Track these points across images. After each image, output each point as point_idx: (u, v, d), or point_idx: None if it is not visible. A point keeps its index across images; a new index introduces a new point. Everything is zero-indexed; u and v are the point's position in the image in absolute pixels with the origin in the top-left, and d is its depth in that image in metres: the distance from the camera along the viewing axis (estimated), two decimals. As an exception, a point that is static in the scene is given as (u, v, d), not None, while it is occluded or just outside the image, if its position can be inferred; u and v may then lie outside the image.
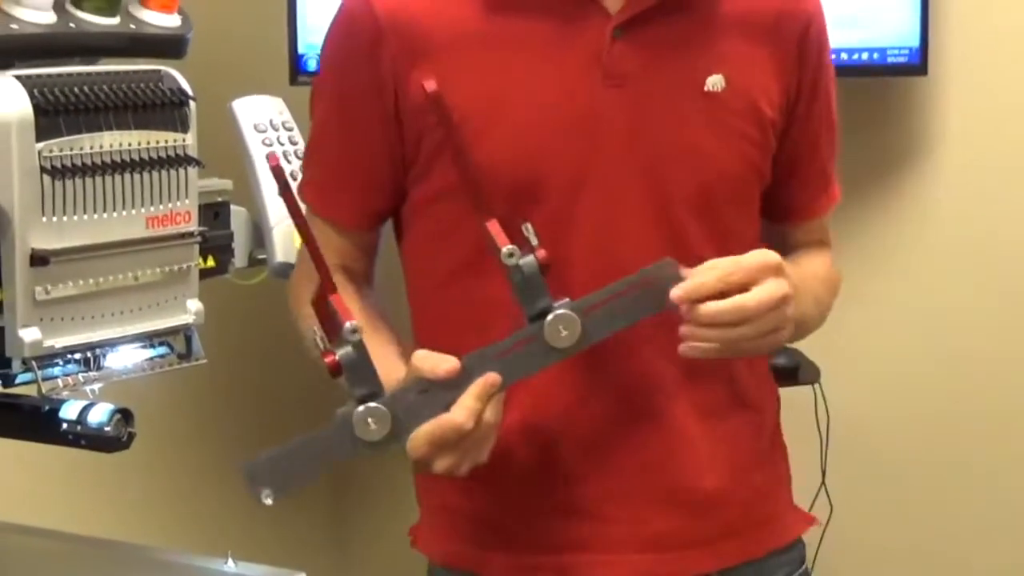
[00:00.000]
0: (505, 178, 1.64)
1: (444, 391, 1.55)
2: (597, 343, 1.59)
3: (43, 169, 1.43)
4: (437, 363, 1.57)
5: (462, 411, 1.55)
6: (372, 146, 1.75)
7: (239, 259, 1.70)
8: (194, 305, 1.58)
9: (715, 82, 1.72)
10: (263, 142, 1.68)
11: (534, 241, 1.55)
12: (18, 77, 1.43)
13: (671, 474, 1.76)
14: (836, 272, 1.92)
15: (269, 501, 1.55)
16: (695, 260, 1.63)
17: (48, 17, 1.48)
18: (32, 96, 1.42)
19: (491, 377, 1.56)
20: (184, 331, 1.58)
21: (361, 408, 1.52)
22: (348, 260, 1.82)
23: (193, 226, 1.56)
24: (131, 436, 1.50)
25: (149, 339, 1.55)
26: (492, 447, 1.61)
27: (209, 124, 1.59)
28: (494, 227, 1.55)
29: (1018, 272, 2.90)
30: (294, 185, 1.65)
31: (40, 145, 1.43)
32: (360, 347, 1.51)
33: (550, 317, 1.55)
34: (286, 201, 1.47)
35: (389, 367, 1.60)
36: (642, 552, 1.77)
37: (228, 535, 2.82)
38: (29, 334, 1.44)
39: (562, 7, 1.71)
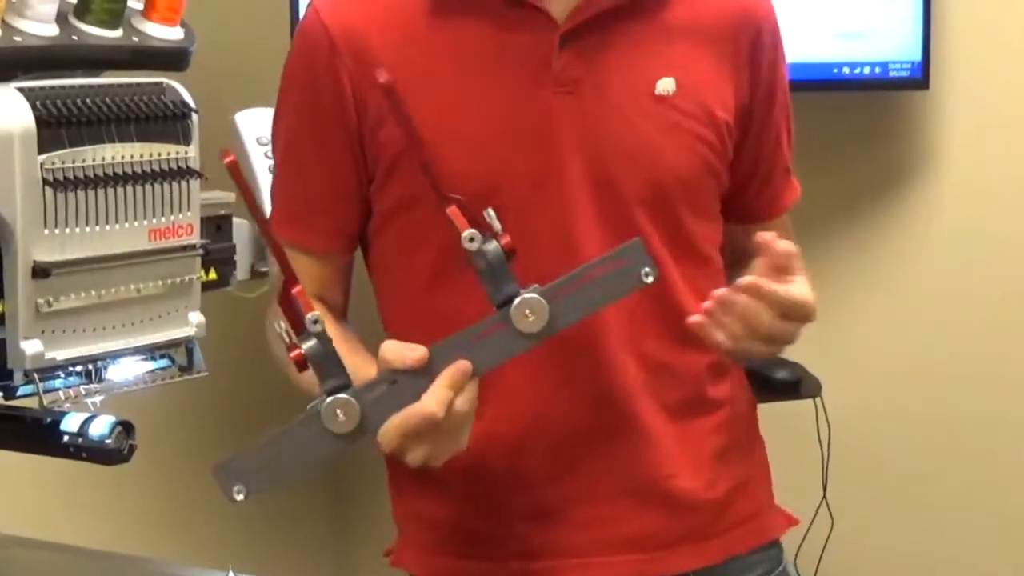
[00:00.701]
0: (462, 189, 1.60)
1: (414, 381, 1.53)
2: (566, 329, 1.56)
3: (45, 181, 1.43)
4: (404, 352, 1.55)
5: (432, 400, 1.53)
6: (339, 162, 1.76)
7: (241, 272, 1.70)
8: (196, 317, 1.58)
9: (666, 85, 1.74)
10: (265, 154, 1.68)
11: (497, 227, 1.53)
12: (21, 89, 1.43)
13: (640, 474, 1.77)
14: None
15: (240, 498, 1.53)
16: None
17: (51, 30, 1.48)
18: (35, 108, 1.42)
19: (461, 364, 1.54)
20: (186, 343, 1.58)
21: (329, 399, 1.51)
22: (324, 290, 1.82)
23: (195, 238, 1.56)
24: (132, 448, 1.50)
25: (151, 351, 1.55)
26: (470, 437, 1.60)
27: (212, 136, 1.59)
28: (454, 212, 1.53)
29: (1021, 287, 2.90)
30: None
31: (42, 157, 1.42)
32: (324, 339, 1.50)
33: (516, 301, 1.53)
34: (244, 197, 1.46)
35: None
36: (617, 554, 1.78)
37: (229, 547, 2.82)
38: (31, 346, 1.44)
39: (508, 16, 1.72)
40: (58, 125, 1.44)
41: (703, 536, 1.81)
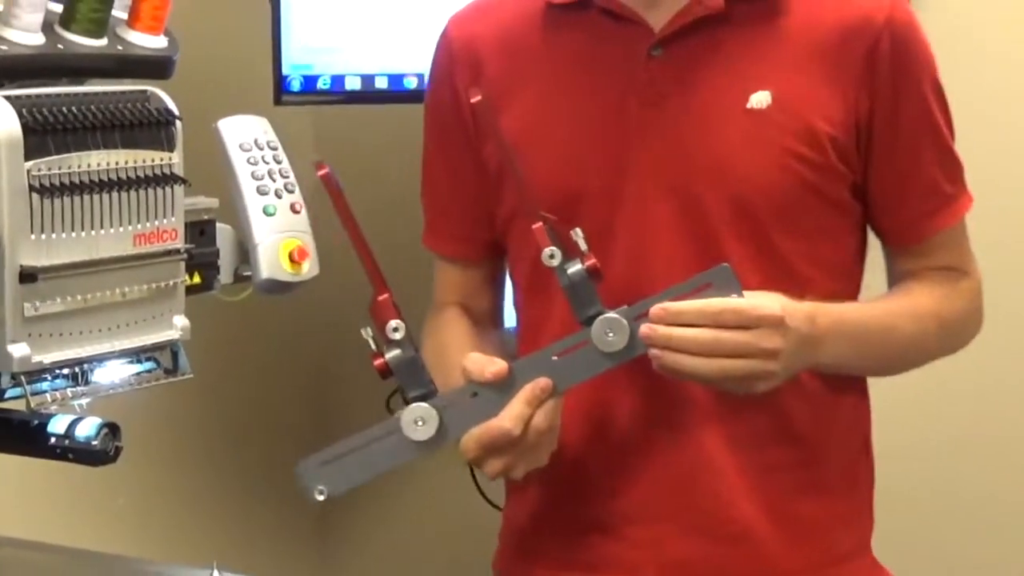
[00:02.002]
0: (547, 194, 1.63)
1: (495, 395, 1.56)
2: (646, 351, 1.57)
3: (32, 187, 1.44)
4: (485, 366, 1.57)
5: (510, 416, 1.55)
6: (462, 169, 1.81)
7: (224, 276, 1.71)
8: (180, 321, 1.59)
9: (760, 99, 1.69)
10: (248, 161, 1.69)
11: (583, 247, 1.54)
12: (8, 97, 1.44)
13: (694, 501, 1.73)
14: (956, 302, 1.81)
15: (321, 498, 1.58)
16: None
17: (37, 39, 1.49)
18: (21, 116, 1.43)
19: (541, 382, 1.55)
20: (171, 346, 1.59)
21: (408, 408, 1.53)
22: (466, 297, 1.83)
23: (179, 243, 1.58)
24: (118, 450, 1.51)
25: (136, 354, 1.56)
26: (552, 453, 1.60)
27: (195, 143, 1.61)
28: (539, 230, 1.55)
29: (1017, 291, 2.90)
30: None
31: (29, 164, 1.44)
32: (407, 347, 1.52)
33: (598, 320, 1.54)
34: (337, 208, 1.48)
35: None
36: None
37: (214, 545, 2.84)
38: (18, 350, 1.45)
39: (607, 28, 1.72)
40: (44, 132, 1.45)
41: (767, 574, 1.75)
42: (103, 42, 1.54)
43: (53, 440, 1.51)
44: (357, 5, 2.85)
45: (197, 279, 1.66)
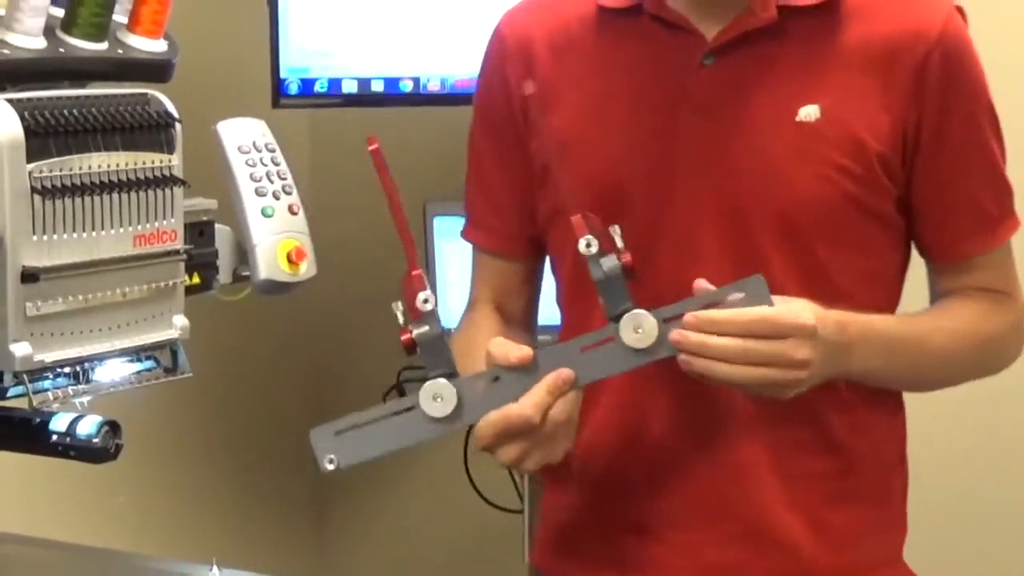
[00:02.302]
0: (590, 195, 1.63)
1: (516, 382, 1.54)
2: (674, 354, 1.56)
3: (34, 189, 1.45)
4: (508, 350, 1.56)
5: (530, 403, 1.53)
6: (510, 163, 1.81)
7: (223, 276, 1.71)
8: (180, 320, 1.60)
9: (809, 112, 1.69)
10: (247, 163, 1.70)
11: (620, 243, 1.53)
12: (10, 100, 1.45)
13: (732, 508, 1.73)
14: (996, 321, 1.78)
15: (331, 467, 1.56)
16: (776, 290, 1.60)
17: (38, 43, 1.50)
18: (23, 119, 1.45)
19: (564, 373, 1.54)
20: (170, 345, 1.60)
21: (428, 383, 1.54)
22: (503, 294, 1.85)
23: (179, 244, 1.59)
24: (119, 447, 1.52)
25: (136, 353, 1.57)
26: (568, 449, 1.58)
27: (194, 145, 1.62)
28: (577, 221, 1.54)
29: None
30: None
31: (31, 166, 1.45)
32: (436, 325, 1.52)
33: (626, 316, 1.54)
34: (383, 181, 1.51)
35: None
36: None
37: (213, 541, 2.85)
38: (20, 349, 1.46)
39: (660, 34, 1.72)
40: (46, 135, 1.46)
41: None
42: (104, 46, 1.55)
43: (55, 438, 1.52)
44: (354, 9, 2.86)
45: (196, 279, 1.66)
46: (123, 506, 2.81)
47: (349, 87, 2.86)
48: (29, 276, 1.46)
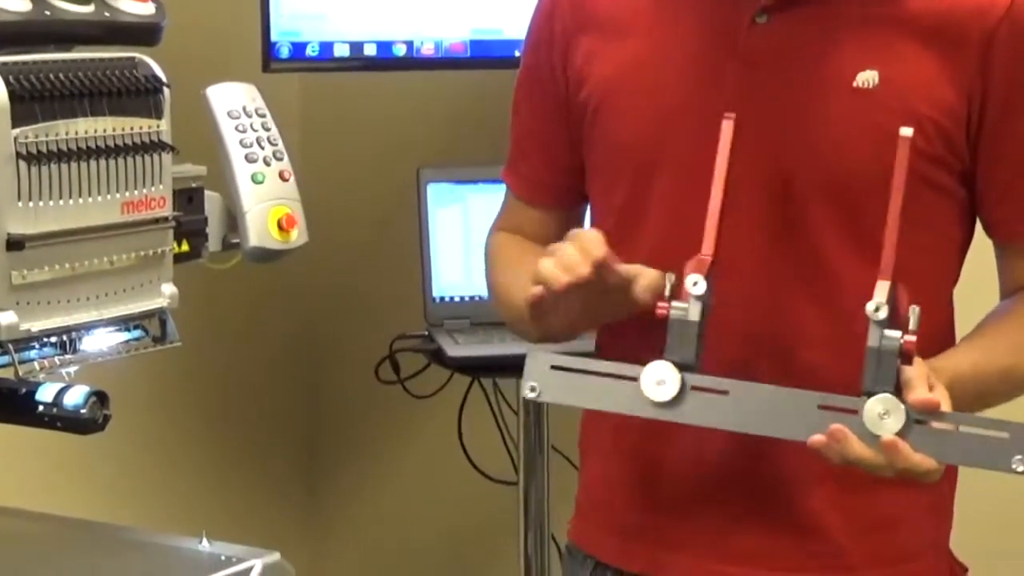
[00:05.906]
0: (630, 149, 1.66)
1: (744, 400, 1.53)
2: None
3: (19, 155, 1.44)
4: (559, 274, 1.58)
5: (631, 268, 1.58)
6: (544, 111, 1.83)
7: (213, 244, 1.70)
8: (168, 289, 1.59)
9: (867, 78, 1.65)
10: (236, 128, 1.69)
11: (914, 325, 1.50)
12: (-6, 64, 1.44)
13: (764, 490, 1.72)
14: None
15: (531, 395, 1.55)
16: (811, 255, 1.62)
17: (24, 5, 1.49)
18: (7, 83, 1.43)
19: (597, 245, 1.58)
20: (159, 314, 1.59)
21: (658, 362, 1.52)
22: (526, 235, 1.86)
23: (167, 211, 1.58)
24: (106, 418, 1.51)
25: (124, 323, 1.56)
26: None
27: (183, 111, 1.60)
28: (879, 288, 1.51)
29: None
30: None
31: (16, 131, 1.44)
32: (696, 312, 1.51)
33: (876, 398, 1.49)
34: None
35: None
36: (734, 564, 1.73)
37: (203, 515, 2.84)
38: (6, 317, 1.46)
39: None
40: (31, 99, 1.45)
41: (831, 568, 1.72)
42: (90, 8, 1.54)
43: (41, 408, 1.51)
44: (346, -28, 2.84)
45: (185, 247, 1.66)
46: (111, 477, 2.80)
47: (341, 51, 2.84)
48: (14, 244, 1.45)
